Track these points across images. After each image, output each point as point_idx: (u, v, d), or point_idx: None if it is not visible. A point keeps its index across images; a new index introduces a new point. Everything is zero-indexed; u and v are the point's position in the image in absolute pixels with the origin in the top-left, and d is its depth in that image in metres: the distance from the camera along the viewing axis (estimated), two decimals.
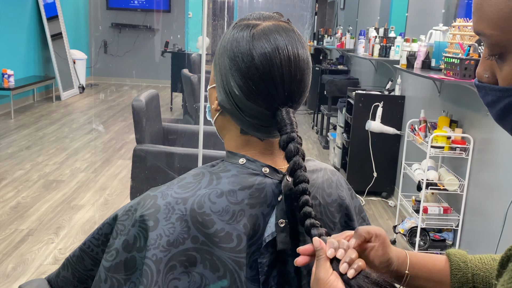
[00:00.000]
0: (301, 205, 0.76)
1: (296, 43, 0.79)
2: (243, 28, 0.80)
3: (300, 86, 0.79)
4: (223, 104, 0.82)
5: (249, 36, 0.78)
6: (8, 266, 2.92)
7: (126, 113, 7.25)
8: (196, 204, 0.76)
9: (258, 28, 0.79)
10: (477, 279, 0.78)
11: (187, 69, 5.88)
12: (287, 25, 0.81)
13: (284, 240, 0.79)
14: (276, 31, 0.78)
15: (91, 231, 0.94)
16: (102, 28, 10.43)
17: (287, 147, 0.77)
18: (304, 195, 0.76)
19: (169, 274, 0.74)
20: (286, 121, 0.77)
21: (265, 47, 0.76)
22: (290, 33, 0.79)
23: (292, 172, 0.77)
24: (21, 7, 7.56)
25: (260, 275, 0.78)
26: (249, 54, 0.77)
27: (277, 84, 0.77)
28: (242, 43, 0.78)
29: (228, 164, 0.83)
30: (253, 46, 0.77)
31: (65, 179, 4.41)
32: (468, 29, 2.86)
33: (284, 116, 0.78)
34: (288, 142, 0.77)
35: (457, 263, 0.79)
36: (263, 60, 0.76)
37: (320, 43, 8.00)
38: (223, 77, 0.80)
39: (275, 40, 0.77)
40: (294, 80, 0.78)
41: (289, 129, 0.77)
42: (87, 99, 8.55)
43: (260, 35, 0.77)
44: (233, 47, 0.79)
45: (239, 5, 10.21)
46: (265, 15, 0.82)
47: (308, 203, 0.76)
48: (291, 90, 0.78)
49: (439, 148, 3.05)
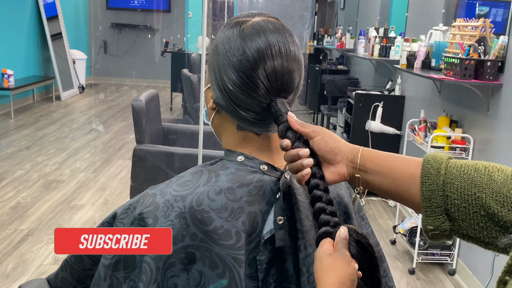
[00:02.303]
0: (310, 188, 0.75)
1: (286, 34, 0.81)
2: (233, 25, 0.82)
3: (292, 76, 0.80)
4: (218, 101, 0.83)
5: (239, 31, 0.80)
6: (8, 266, 2.92)
7: (126, 113, 7.24)
8: (195, 202, 0.76)
9: (247, 24, 0.80)
10: (450, 188, 0.70)
11: (187, 69, 5.89)
12: (276, 20, 0.83)
13: (282, 237, 0.79)
14: (265, 25, 0.80)
15: None
16: (102, 28, 10.43)
17: (285, 136, 0.77)
18: (314, 178, 0.75)
19: (168, 271, 0.74)
20: (282, 110, 0.78)
21: (255, 39, 0.78)
22: (278, 26, 0.81)
23: None
24: (21, 7, 7.56)
25: (259, 272, 0.79)
26: (240, 48, 0.78)
27: (269, 74, 0.78)
28: (232, 38, 0.80)
29: (227, 162, 0.83)
30: (243, 40, 0.78)
31: (65, 179, 4.41)
32: (468, 29, 2.86)
33: (279, 105, 0.78)
34: (285, 131, 0.77)
35: (428, 170, 0.72)
36: (254, 52, 0.77)
37: (320, 43, 8.01)
38: (217, 75, 0.81)
39: (265, 32, 0.79)
40: (286, 70, 0.79)
41: (286, 118, 0.78)
42: (87, 99, 8.56)
43: (249, 29, 0.79)
44: (224, 44, 0.80)
45: (239, 5, 10.21)
46: (254, 12, 0.85)
47: (318, 187, 0.75)
48: (284, 81, 0.79)
49: (439, 148, 3.05)
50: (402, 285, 2.99)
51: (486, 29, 2.73)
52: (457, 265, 3.15)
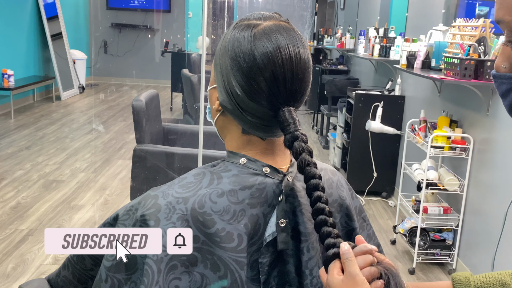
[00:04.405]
0: (314, 201, 0.75)
1: (297, 42, 0.79)
2: (244, 28, 0.80)
3: (301, 85, 0.79)
4: (224, 104, 0.82)
5: (250, 36, 0.78)
6: (8, 266, 2.92)
7: (126, 113, 7.24)
8: (197, 204, 0.76)
9: (259, 28, 0.79)
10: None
11: (187, 69, 5.88)
12: (287, 25, 0.81)
13: (284, 240, 0.79)
14: (277, 31, 0.78)
15: None
16: (102, 28, 10.43)
17: (292, 146, 0.77)
18: (317, 191, 0.75)
19: (170, 273, 0.74)
20: (289, 120, 0.77)
21: (267, 47, 0.77)
22: (291, 32, 0.80)
23: (300, 169, 0.77)
24: (21, 7, 7.56)
25: (261, 275, 0.79)
26: (250, 53, 0.77)
27: (279, 83, 0.77)
28: (243, 43, 0.78)
29: (229, 164, 0.83)
30: (255, 46, 0.77)
31: (65, 179, 4.41)
32: (468, 29, 2.86)
33: (287, 115, 0.78)
34: (292, 141, 0.77)
35: (459, 279, 0.80)
36: (265, 60, 0.76)
37: (320, 43, 8.00)
38: (224, 77, 0.80)
39: (276, 39, 0.77)
40: (296, 79, 0.78)
41: (293, 128, 0.77)
42: (87, 99, 8.56)
43: (261, 35, 0.78)
44: (234, 47, 0.79)
45: (239, 5, 10.21)
46: (265, 15, 0.83)
47: (321, 199, 0.75)
48: (293, 89, 0.78)
49: (439, 148, 3.05)
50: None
51: (486, 29, 2.73)
52: (457, 265, 3.15)
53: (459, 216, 3.09)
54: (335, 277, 0.70)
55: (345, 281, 0.69)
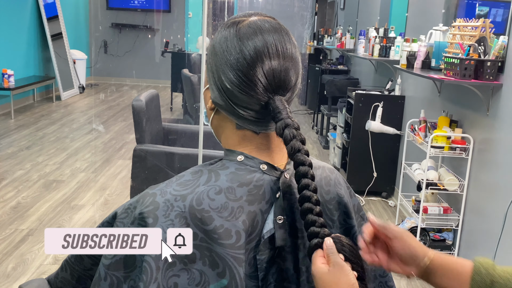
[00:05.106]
0: (301, 188, 0.76)
1: (282, 33, 0.81)
2: (229, 25, 0.82)
3: (289, 74, 0.80)
4: (216, 101, 0.83)
5: (235, 31, 0.80)
6: (8, 266, 2.92)
7: (126, 113, 7.25)
8: (195, 201, 0.76)
9: (244, 23, 0.81)
10: (496, 286, 0.79)
11: (187, 69, 5.89)
12: (272, 19, 0.84)
13: (282, 237, 0.79)
14: (261, 24, 0.81)
15: None
16: (102, 28, 10.43)
17: (283, 133, 0.77)
18: (305, 178, 0.76)
19: (168, 270, 0.74)
20: (280, 107, 0.78)
21: (252, 38, 0.79)
22: (275, 25, 0.82)
23: (290, 156, 0.77)
24: (21, 7, 7.56)
25: (259, 271, 0.79)
26: (236, 46, 0.79)
27: (266, 72, 0.78)
28: (229, 38, 0.80)
29: (226, 162, 0.83)
30: (240, 39, 0.79)
31: (65, 179, 4.41)
32: (468, 29, 2.86)
33: (277, 103, 0.79)
34: (283, 128, 0.77)
35: (478, 268, 0.81)
36: (251, 50, 0.78)
37: (320, 43, 8.00)
38: (215, 74, 0.82)
39: (261, 31, 0.79)
40: (283, 68, 0.79)
41: (284, 115, 0.78)
42: (87, 99, 8.56)
43: (246, 28, 0.80)
44: (221, 44, 0.81)
45: (239, 5, 10.21)
46: (250, 12, 0.85)
47: (308, 187, 0.75)
48: (281, 78, 0.79)
49: (439, 148, 3.05)
50: (402, 285, 2.99)
51: (486, 29, 2.73)
52: None
53: (459, 216, 3.09)
54: (321, 267, 0.72)
55: (332, 271, 0.71)
